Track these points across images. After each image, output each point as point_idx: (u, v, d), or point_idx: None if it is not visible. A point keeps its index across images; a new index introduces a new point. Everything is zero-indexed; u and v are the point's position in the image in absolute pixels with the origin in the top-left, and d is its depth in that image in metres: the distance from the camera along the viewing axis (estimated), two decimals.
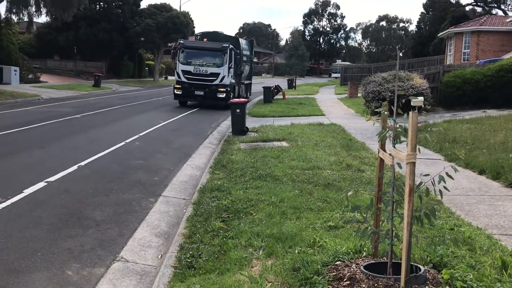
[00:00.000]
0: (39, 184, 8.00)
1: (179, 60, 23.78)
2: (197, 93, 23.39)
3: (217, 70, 23.43)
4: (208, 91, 23.23)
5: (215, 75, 23.39)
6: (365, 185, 7.73)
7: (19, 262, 4.99)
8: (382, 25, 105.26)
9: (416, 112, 3.48)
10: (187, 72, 23.46)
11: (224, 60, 23.54)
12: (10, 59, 34.33)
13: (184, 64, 23.69)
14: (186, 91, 23.43)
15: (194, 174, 9.52)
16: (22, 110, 20.54)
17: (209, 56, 23.86)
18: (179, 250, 5.25)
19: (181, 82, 23.60)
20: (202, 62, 23.70)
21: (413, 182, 3.53)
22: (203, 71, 23.44)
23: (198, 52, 24.13)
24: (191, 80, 23.38)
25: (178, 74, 23.77)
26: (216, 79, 23.32)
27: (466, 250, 4.87)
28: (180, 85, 23.51)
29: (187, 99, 24.32)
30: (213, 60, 23.68)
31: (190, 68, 23.52)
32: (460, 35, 31.02)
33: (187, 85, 23.36)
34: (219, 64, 23.53)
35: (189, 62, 23.68)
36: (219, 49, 23.71)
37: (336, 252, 4.69)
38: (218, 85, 23.30)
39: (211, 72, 23.39)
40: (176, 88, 23.74)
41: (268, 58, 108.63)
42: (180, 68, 23.70)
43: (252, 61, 31.81)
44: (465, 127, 13.64)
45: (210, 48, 24.03)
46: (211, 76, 23.37)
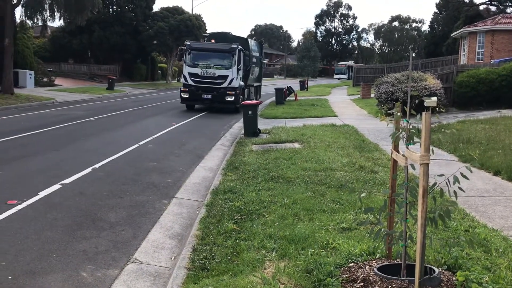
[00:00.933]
0: (54, 186, 8.09)
1: (186, 63, 22.97)
2: (204, 97, 22.44)
3: (226, 72, 22.43)
4: (216, 94, 22.27)
5: (224, 77, 22.41)
6: (378, 186, 7.69)
7: (35, 263, 5.05)
8: (394, 26, 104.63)
9: (429, 113, 3.46)
10: (194, 74, 22.53)
11: (233, 62, 22.54)
12: (25, 63, 34.79)
13: (191, 67, 22.76)
14: (193, 95, 22.46)
15: (207, 176, 9.55)
16: (37, 113, 20.80)
17: (217, 58, 22.88)
18: (193, 251, 5.27)
19: (187, 85, 22.63)
20: (209, 64, 22.71)
21: (426, 183, 3.51)
22: (210, 73, 22.47)
23: (206, 54, 23.12)
24: (198, 83, 22.42)
25: (185, 77, 22.84)
26: (225, 81, 22.32)
27: (482, 252, 4.82)
28: (187, 88, 22.57)
29: (194, 103, 23.45)
30: (221, 62, 22.72)
31: (197, 70, 22.54)
32: (474, 35, 30.70)
33: (194, 88, 22.39)
34: (227, 66, 22.55)
35: (196, 64, 22.73)
36: (227, 50, 22.73)
37: (349, 254, 4.68)
38: (227, 88, 22.28)
39: (219, 75, 22.42)
40: (182, 91, 22.86)
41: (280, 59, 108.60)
42: (187, 70, 22.77)
43: (261, 62, 30.82)
44: (480, 127, 13.49)
45: (218, 50, 23.03)
46: (219, 78, 22.39)
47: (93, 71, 49.97)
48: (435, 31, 62.03)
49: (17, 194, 7.51)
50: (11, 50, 26.33)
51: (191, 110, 23.79)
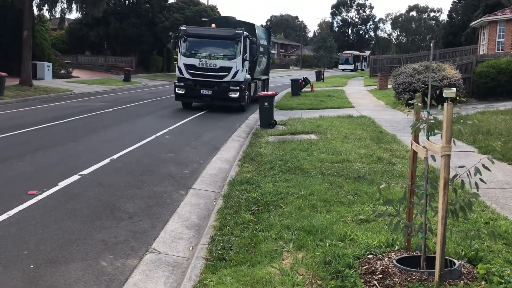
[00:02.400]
0: (73, 177, 8.19)
1: (181, 52, 19.32)
2: (203, 93, 18.95)
3: (229, 64, 18.87)
4: (218, 90, 18.84)
5: (226, 69, 18.85)
6: (396, 178, 7.62)
7: (56, 252, 5.13)
8: (412, 15, 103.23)
9: (451, 104, 3.41)
10: (191, 66, 19.01)
11: (237, 51, 18.97)
12: (43, 55, 35.18)
13: (187, 57, 19.16)
14: (190, 90, 18.99)
15: (223, 167, 9.58)
16: (55, 104, 21.05)
17: (219, 46, 19.25)
18: (210, 242, 5.30)
19: (183, 79, 19.14)
20: (209, 53, 19.05)
21: (448, 175, 3.47)
22: (211, 65, 18.87)
23: (205, 41, 19.42)
24: (196, 77, 18.94)
25: (180, 69, 19.26)
26: (228, 74, 18.81)
27: (503, 244, 4.75)
28: (182, 83, 19.07)
29: (191, 100, 20.08)
30: (224, 51, 19.14)
31: (195, 61, 18.96)
32: (494, 24, 30.08)
33: (191, 83, 18.93)
34: (231, 56, 18.96)
35: (194, 53, 19.11)
36: (230, 36, 19.08)
37: (367, 246, 4.65)
38: (230, 82, 18.81)
39: (221, 66, 18.84)
40: (177, 86, 19.26)
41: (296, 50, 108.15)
42: (182, 61, 19.23)
43: (269, 52, 26.64)
44: (500, 118, 13.27)
45: (219, 36, 19.33)
46: (221, 71, 18.84)
47: (110, 63, 50.32)
48: (453, 20, 60.96)
49: (37, 185, 7.63)
50: (29, 42, 26.60)
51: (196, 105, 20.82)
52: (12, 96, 22.45)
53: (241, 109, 19.37)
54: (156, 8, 50.67)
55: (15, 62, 30.01)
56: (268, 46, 25.69)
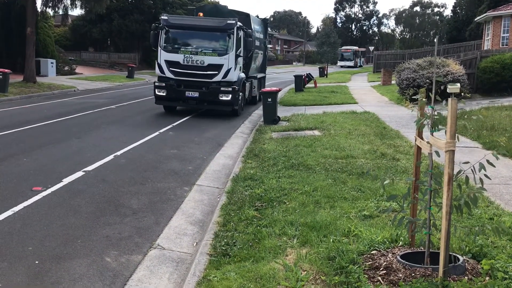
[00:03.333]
0: (77, 173, 8.22)
1: (162, 46, 16.25)
2: (189, 95, 15.94)
3: (219, 60, 15.82)
4: (206, 92, 15.86)
5: (216, 67, 15.79)
6: (400, 174, 7.61)
7: (60, 248, 5.15)
8: (416, 11, 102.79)
9: (455, 99, 3.40)
10: (174, 63, 15.96)
11: (229, 45, 15.95)
12: (46, 51, 35.25)
13: (169, 52, 16.12)
14: (173, 92, 16.03)
15: (227, 163, 9.58)
16: (59, 101, 21.09)
17: (207, 39, 16.33)
18: (214, 238, 5.31)
19: (164, 78, 16.16)
20: (196, 48, 16.07)
21: (452, 170, 3.46)
22: (197, 61, 15.79)
23: (190, 34, 16.48)
24: (180, 76, 15.94)
25: (160, 66, 16.23)
26: (218, 73, 15.78)
27: (507, 240, 4.74)
28: (163, 83, 16.13)
29: (174, 104, 16.96)
30: (213, 45, 16.21)
31: (179, 57, 15.90)
32: (499, 19, 29.91)
33: (174, 83, 15.94)
34: (221, 51, 15.93)
35: (177, 48, 16.13)
36: (221, 28, 15.96)
37: (371, 242, 4.65)
38: (221, 82, 15.82)
39: (210, 64, 15.77)
40: (157, 87, 16.30)
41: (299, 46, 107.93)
42: (164, 57, 16.16)
43: (266, 47, 23.58)
44: (504, 114, 13.22)
45: (208, 27, 16.21)
46: (210, 69, 15.79)
47: (113, 59, 50.35)
48: (457, 15, 60.66)
49: (42, 181, 7.66)
50: (33, 39, 26.64)
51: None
52: (16, 93, 22.51)
53: (234, 114, 16.59)
54: (159, 4, 50.61)
55: (19, 59, 30.12)
56: (264, 40, 22.85)
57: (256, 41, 19.50)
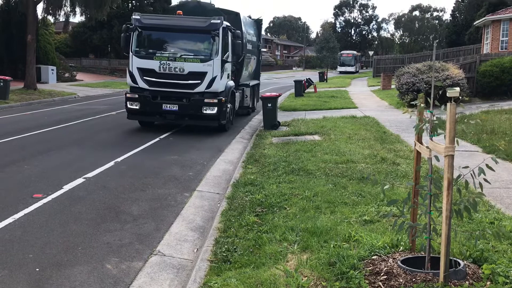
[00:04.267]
0: (78, 180, 8.22)
1: (133, 51, 13.68)
2: (166, 108, 13.51)
3: (202, 68, 13.28)
4: (187, 105, 13.42)
5: (199, 76, 13.30)
6: (400, 178, 7.62)
7: (61, 255, 5.15)
8: (415, 15, 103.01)
9: (454, 104, 3.40)
10: (148, 71, 13.46)
11: (214, 49, 13.42)
12: (47, 58, 35.36)
13: (142, 58, 13.58)
14: (148, 105, 13.58)
15: (227, 169, 9.59)
16: (59, 108, 21.13)
17: (188, 42, 13.95)
18: (215, 244, 5.31)
19: (137, 89, 13.66)
20: (174, 53, 13.61)
21: (452, 175, 3.46)
22: (176, 69, 13.27)
23: (167, 35, 14.05)
24: (155, 86, 13.45)
25: (132, 75, 13.69)
26: (201, 83, 13.30)
27: (508, 244, 4.73)
28: (136, 95, 13.64)
29: (149, 119, 14.49)
30: (195, 49, 13.74)
31: (153, 64, 13.38)
32: (498, 23, 29.98)
33: (148, 95, 13.50)
34: (205, 56, 13.44)
35: (151, 54, 13.55)
36: (204, 28, 13.38)
37: (372, 247, 4.65)
38: (205, 93, 13.38)
39: (191, 72, 13.27)
40: (129, 100, 13.78)
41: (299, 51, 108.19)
42: (136, 64, 13.62)
43: (260, 51, 20.70)
44: (504, 117, 13.23)
45: (188, 28, 13.57)
46: (191, 78, 13.30)
47: (114, 66, 50.47)
48: (457, 20, 60.90)
49: (42, 188, 7.66)
50: (33, 46, 26.73)
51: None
52: (17, 100, 22.56)
53: (220, 129, 14.14)
54: (159, 10, 50.70)
55: (20, 66, 30.21)
56: (258, 43, 20.04)
57: (248, 44, 17.19)
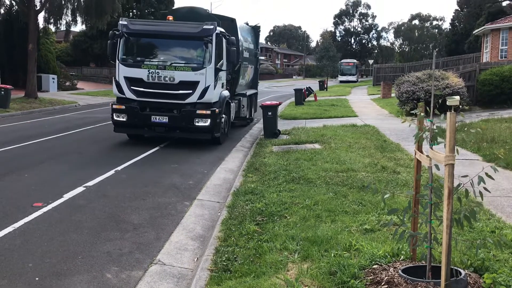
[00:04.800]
0: (78, 188, 8.22)
1: (120, 59, 12.91)
2: (155, 120, 12.62)
3: (194, 76, 12.39)
4: (178, 116, 12.53)
5: (191, 85, 12.44)
6: (401, 187, 7.61)
7: (61, 265, 5.14)
8: (414, 24, 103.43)
9: (454, 113, 3.41)
10: (136, 81, 12.63)
11: (207, 56, 12.58)
12: (48, 67, 35.47)
13: (129, 66, 12.80)
14: (135, 117, 12.71)
15: (228, 178, 9.59)
16: (60, 116, 21.16)
17: (178, 50, 13.10)
18: (215, 253, 5.29)
19: (124, 100, 12.82)
20: (164, 61, 12.73)
21: (452, 184, 3.46)
22: (166, 78, 12.39)
23: (157, 42, 13.27)
24: (144, 96, 12.60)
25: (119, 85, 12.91)
26: (192, 92, 12.43)
27: (509, 253, 4.73)
28: (123, 106, 12.80)
29: (137, 132, 13.51)
30: (186, 57, 12.88)
31: (142, 73, 12.53)
32: (497, 32, 30.11)
33: (136, 106, 12.64)
34: (197, 65, 12.57)
35: (139, 62, 12.78)
36: (196, 34, 12.54)
37: (373, 256, 4.64)
38: (197, 104, 12.52)
39: (183, 81, 12.39)
40: (115, 111, 12.94)
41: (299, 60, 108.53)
42: (123, 73, 12.84)
43: (257, 59, 19.91)
44: (504, 126, 13.25)
45: (179, 34, 12.71)
46: (182, 87, 12.42)
47: (114, 75, 50.51)
48: (456, 28, 61.16)
49: (43, 197, 7.65)
50: (34, 55, 26.83)
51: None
52: (18, 109, 22.61)
53: (214, 142, 13.30)
54: (160, 19, 51.02)
55: (21, 75, 30.29)
56: (255, 51, 19.23)
57: (245, 52, 16.50)
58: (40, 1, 27.77)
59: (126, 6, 47.97)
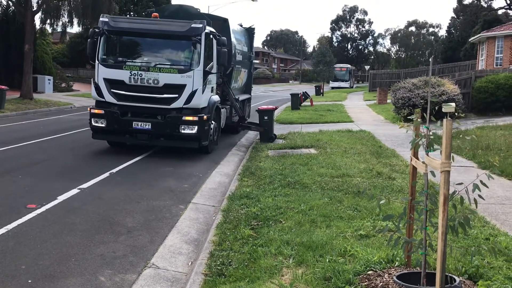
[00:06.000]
0: (73, 190, 8.18)
1: (100, 59, 11.78)
2: (137, 127, 11.53)
3: (180, 79, 11.37)
4: (162, 123, 11.49)
5: (176, 88, 11.41)
6: (396, 193, 7.62)
7: (54, 267, 5.10)
8: (411, 31, 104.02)
9: (450, 120, 3.42)
10: (117, 83, 11.50)
11: (195, 58, 11.53)
12: (44, 68, 35.37)
13: (110, 67, 11.68)
14: (115, 123, 11.60)
15: (223, 181, 9.57)
16: (55, 118, 21.09)
17: (164, 50, 12.08)
18: (209, 257, 5.27)
19: (104, 104, 11.69)
20: (147, 62, 11.68)
21: (447, 191, 3.46)
22: (150, 80, 11.30)
23: (140, 41, 12.23)
24: (125, 100, 11.51)
25: (98, 87, 11.68)
26: (178, 97, 11.36)
27: (503, 261, 4.73)
28: (102, 110, 11.66)
29: (118, 139, 12.40)
30: (172, 58, 11.89)
31: (123, 74, 11.41)
32: (493, 40, 30.30)
33: (116, 111, 11.53)
34: (184, 66, 11.57)
35: (121, 62, 11.69)
36: (183, 33, 11.49)
37: (367, 262, 4.63)
38: (183, 109, 11.45)
39: (168, 84, 11.35)
40: (93, 116, 11.75)
41: (296, 64, 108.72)
42: (102, 74, 11.66)
43: (251, 62, 18.80)
44: (499, 133, 13.31)
45: (165, 33, 11.69)
46: (167, 91, 11.38)
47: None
48: (452, 36, 61.58)
49: (36, 198, 7.61)
50: (31, 56, 26.76)
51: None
52: (13, 109, 22.52)
53: (202, 151, 12.26)
54: None
55: (16, 75, 30.17)
56: (249, 54, 18.11)
57: (238, 54, 15.55)
58: (37, 2, 27.73)
59: (123, 8, 47.99)
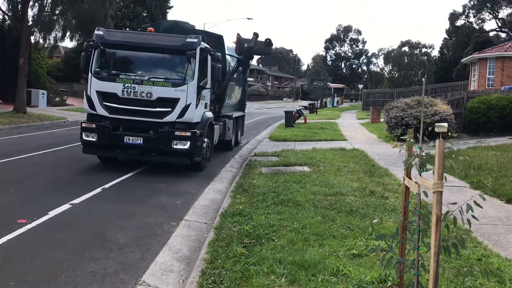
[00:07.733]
0: (64, 206, 8.11)
1: (93, 72, 11.63)
2: (128, 141, 11.36)
3: (174, 93, 11.27)
4: (154, 138, 11.34)
5: (169, 102, 11.31)
6: (389, 212, 7.63)
7: (44, 284, 5.03)
8: (404, 51, 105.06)
9: (443, 141, 3.45)
10: (110, 96, 11.38)
11: (189, 72, 11.50)
12: (38, 82, 35.35)
13: (103, 80, 11.52)
14: (106, 137, 11.44)
15: (216, 198, 9.53)
16: (48, 132, 21.00)
17: (158, 64, 11.98)
18: (201, 275, 5.23)
19: (96, 117, 11.56)
20: (141, 75, 11.56)
21: (440, 211, 3.47)
22: (143, 94, 11.22)
23: (134, 55, 12.11)
24: (117, 113, 11.38)
25: (90, 100, 11.53)
26: (171, 111, 11.28)
27: (495, 282, 4.73)
28: (93, 124, 11.52)
29: (109, 154, 12.21)
30: (166, 72, 11.73)
31: (116, 87, 11.30)
32: (484, 61, 30.73)
33: (108, 125, 11.39)
34: (177, 80, 11.50)
35: (114, 75, 11.55)
36: (178, 48, 11.52)
37: (360, 281, 4.62)
38: (176, 123, 11.37)
39: (161, 97, 11.26)
40: (84, 130, 11.64)
41: (290, 82, 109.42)
42: (95, 87, 11.51)
43: (246, 80, 18.78)
44: (491, 154, 13.40)
45: (159, 47, 11.66)
46: (160, 104, 11.28)
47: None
48: (445, 56, 62.33)
49: (27, 214, 7.53)
50: (25, 69, 26.75)
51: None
52: (6, 123, 22.41)
53: (194, 168, 12.16)
54: None
55: (10, 89, 30.13)
56: (244, 71, 17.95)
57: (233, 72, 15.78)
58: (33, 17, 27.84)
59: (119, 24, 48.23)
